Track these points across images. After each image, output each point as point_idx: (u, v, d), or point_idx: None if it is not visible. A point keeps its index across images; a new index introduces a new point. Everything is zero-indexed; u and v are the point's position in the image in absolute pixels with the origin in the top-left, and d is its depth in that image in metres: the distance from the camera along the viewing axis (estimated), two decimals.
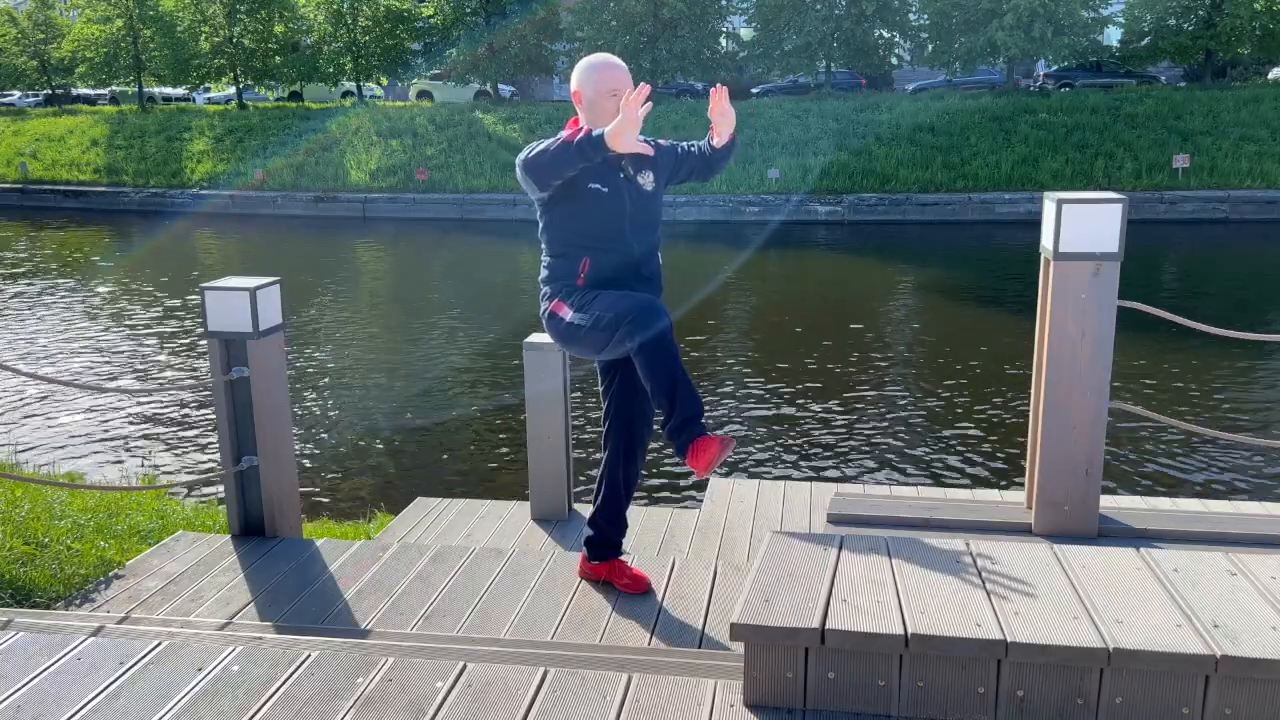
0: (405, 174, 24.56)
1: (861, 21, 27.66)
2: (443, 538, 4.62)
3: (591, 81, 3.18)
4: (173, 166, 26.86)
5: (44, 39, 35.31)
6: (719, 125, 3.25)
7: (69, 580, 3.82)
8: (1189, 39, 26.81)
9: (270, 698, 2.46)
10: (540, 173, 3.06)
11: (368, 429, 8.64)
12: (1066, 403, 3.70)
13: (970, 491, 4.81)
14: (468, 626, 3.29)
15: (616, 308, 3.04)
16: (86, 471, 7.58)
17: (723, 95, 3.20)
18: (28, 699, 2.48)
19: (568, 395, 4.62)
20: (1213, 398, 8.95)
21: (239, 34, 31.52)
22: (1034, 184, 21.33)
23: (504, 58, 30.03)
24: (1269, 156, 21.21)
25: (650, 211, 3.28)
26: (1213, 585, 2.50)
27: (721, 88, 3.21)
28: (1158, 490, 6.81)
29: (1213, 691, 2.21)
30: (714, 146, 3.30)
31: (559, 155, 3.01)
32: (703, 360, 10.59)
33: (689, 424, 3.00)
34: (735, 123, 3.26)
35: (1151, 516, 3.93)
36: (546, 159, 3.03)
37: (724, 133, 3.26)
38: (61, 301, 14.52)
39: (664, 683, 2.50)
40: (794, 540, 2.76)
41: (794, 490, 4.93)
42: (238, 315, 3.93)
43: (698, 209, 21.77)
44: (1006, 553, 2.71)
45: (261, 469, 4.06)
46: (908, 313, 13.18)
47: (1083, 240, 3.57)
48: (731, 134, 3.28)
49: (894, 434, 8.24)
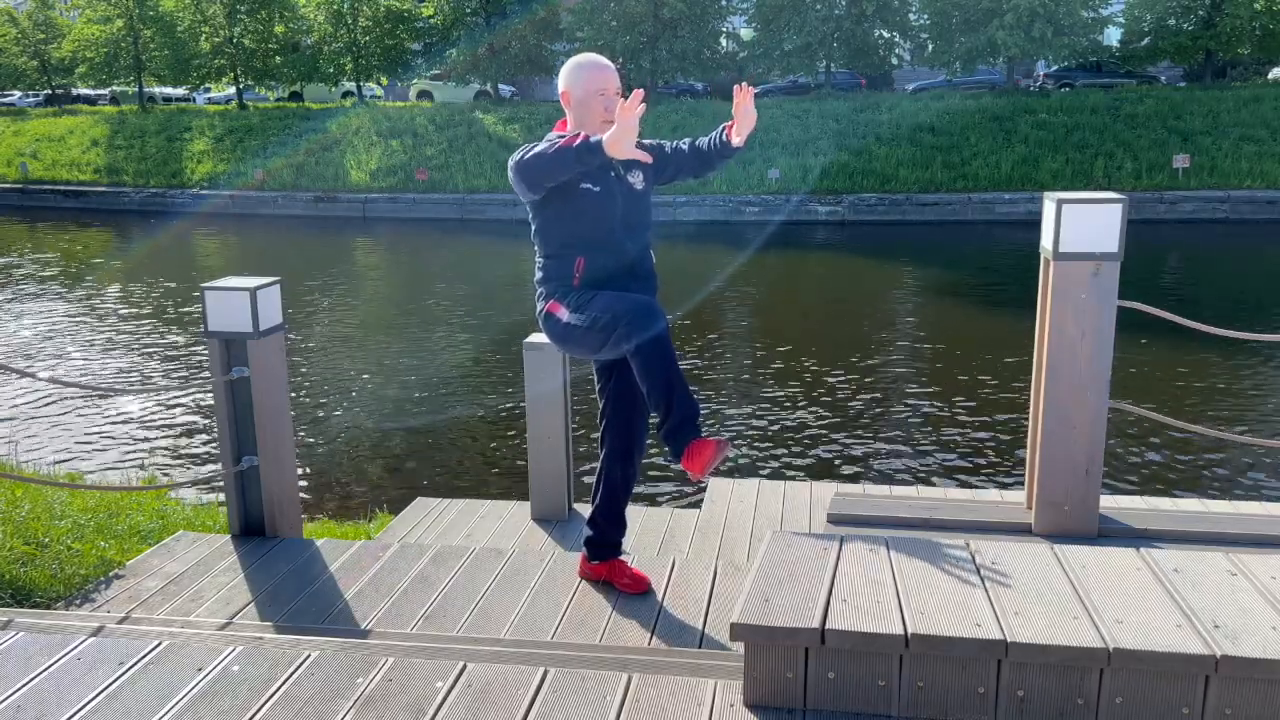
0: (405, 174, 24.56)
1: (861, 21, 27.65)
2: (443, 538, 4.62)
3: (580, 82, 3.18)
4: (173, 166, 26.86)
5: (44, 39, 35.30)
6: (741, 124, 3.21)
7: (69, 580, 3.82)
8: (1189, 39, 26.81)
9: (270, 698, 2.46)
10: (535, 176, 3.06)
11: (368, 429, 8.64)
12: (1066, 403, 3.70)
13: (970, 491, 4.81)
14: (468, 626, 3.29)
15: (614, 308, 3.04)
16: (86, 471, 7.58)
17: (748, 95, 3.18)
18: (28, 699, 2.48)
19: (568, 395, 4.62)
20: (1213, 398, 8.94)
21: (239, 34, 31.51)
22: (1034, 184, 21.32)
23: (504, 58, 30.02)
24: (1269, 156, 21.20)
25: (641, 211, 3.28)
26: (1213, 585, 2.50)
27: (748, 87, 3.19)
28: (1158, 490, 6.81)
29: (1213, 691, 2.21)
30: (724, 142, 3.27)
31: (556, 160, 3.00)
32: (703, 361, 10.59)
33: (685, 425, 3.00)
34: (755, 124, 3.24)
35: (1151, 516, 3.93)
36: (544, 163, 3.02)
37: (745, 130, 3.22)
38: (61, 302, 14.53)
39: (664, 683, 2.50)
40: (794, 540, 2.76)
41: (794, 490, 4.93)
42: (238, 315, 3.93)
43: (698, 209, 21.76)
44: (1006, 553, 2.71)
45: (261, 469, 4.06)
46: (907, 313, 13.18)
47: (1083, 240, 3.57)
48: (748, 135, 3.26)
49: (894, 434, 8.24)
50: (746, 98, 3.18)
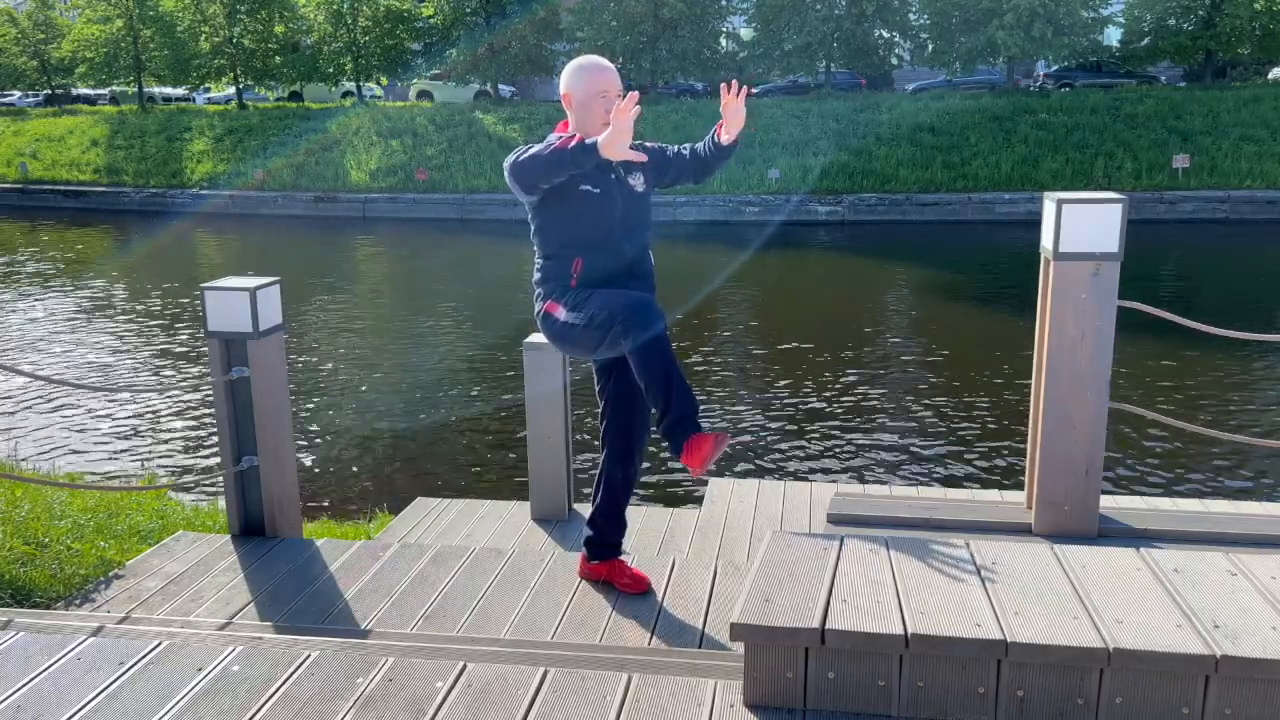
0: (405, 174, 24.56)
1: (861, 21, 27.66)
2: (443, 538, 4.62)
3: (581, 84, 3.18)
4: (173, 166, 26.86)
5: (44, 39, 35.31)
6: (731, 121, 3.20)
7: (69, 580, 3.82)
8: (1189, 39, 26.81)
9: (270, 698, 2.46)
10: (530, 177, 3.06)
11: (368, 429, 8.64)
12: (1066, 403, 3.70)
13: (970, 491, 4.81)
14: (468, 626, 3.29)
15: (610, 306, 3.04)
16: (86, 471, 7.58)
17: (737, 94, 3.16)
18: (28, 699, 2.47)
19: (568, 395, 4.62)
20: (1213, 398, 8.94)
21: (239, 34, 31.52)
22: (1034, 184, 21.32)
23: (504, 58, 30.03)
24: (1269, 156, 21.20)
25: (641, 212, 3.28)
26: (1213, 585, 2.50)
27: (737, 85, 3.17)
28: (1158, 490, 6.81)
29: (1213, 691, 2.21)
30: (718, 143, 3.27)
31: (551, 161, 3.00)
32: (703, 361, 10.59)
33: (683, 421, 3.00)
34: (745, 121, 3.24)
35: (1151, 516, 3.93)
36: (539, 164, 3.03)
37: (734, 130, 3.21)
38: (62, 302, 14.52)
39: (664, 683, 2.50)
40: (794, 540, 2.76)
41: (794, 490, 4.93)
42: (238, 315, 3.93)
43: (698, 209, 21.77)
44: (1006, 553, 2.70)
45: (261, 469, 4.06)
46: (907, 313, 13.18)
47: (1083, 240, 3.57)
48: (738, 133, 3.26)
49: (894, 434, 8.24)
50: (734, 97, 3.16)
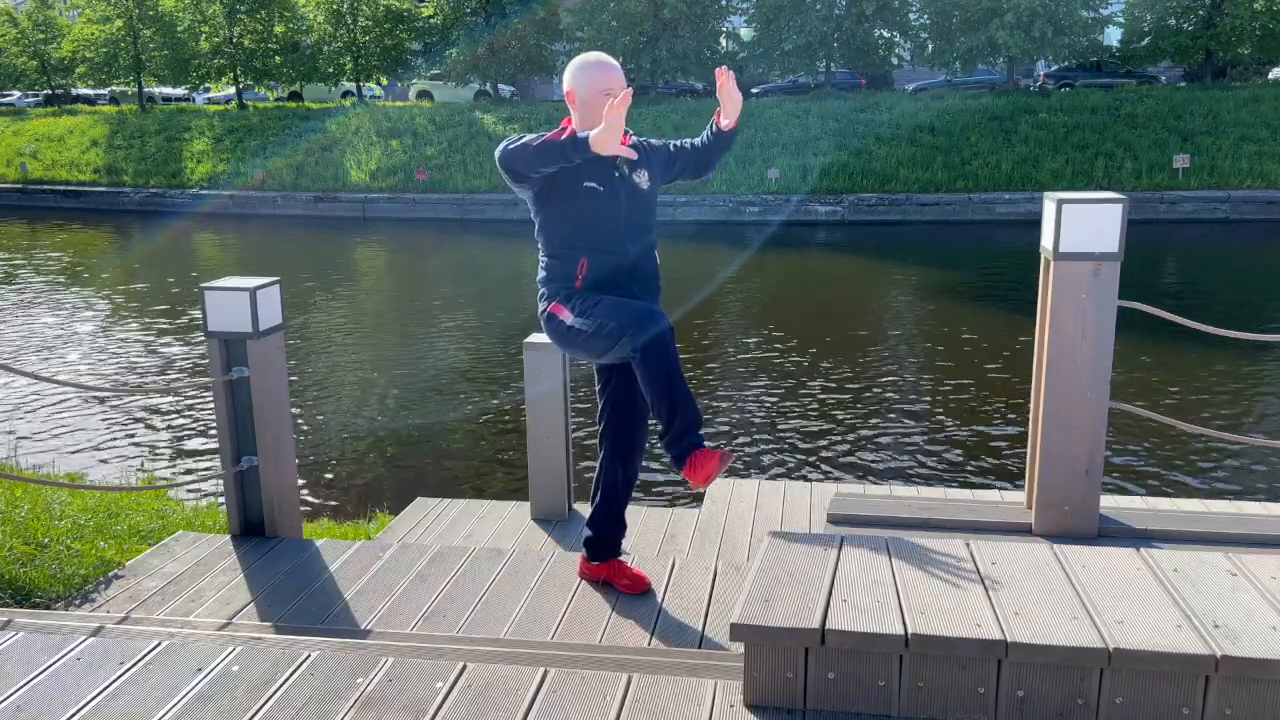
0: (405, 174, 24.56)
1: (861, 21, 27.64)
2: (443, 538, 4.62)
3: (585, 82, 3.17)
4: (173, 166, 26.86)
5: (44, 39, 35.28)
6: (727, 106, 3.19)
7: (69, 580, 3.82)
8: (1189, 39, 26.81)
9: (270, 698, 2.46)
10: (518, 164, 3.05)
11: (368, 429, 8.64)
12: (1066, 403, 3.70)
13: (970, 491, 4.81)
14: (468, 626, 3.29)
15: (619, 316, 3.03)
16: (86, 471, 7.57)
17: (730, 77, 3.13)
18: (28, 699, 2.47)
19: (568, 395, 4.62)
20: (1213, 398, 8.94)
21: (239, 34, 31.51)
22: (1034, 184, 21.32)
23: (504, 58, 30.02)
24: (1269, 156, 21.20)
25: (645, 212, 3.27)
26: (1213, 585, 2.50)
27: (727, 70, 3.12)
28: (1158, 490, 6.81)
29: (1213, 691, 2.21)
30: (719, 129, 3.26)
31: (541, 151, 3.01)
32: (703, 361, 10.58)
33: (687, 434, 2.99)
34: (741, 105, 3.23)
35: (1151, 516, 3.93)
36: (527, 153, 3.02)
37: (731, 114, 3.20)
38: (61, 301, 14.52)
39: (664, 683, 2.50)
40: (794, 540, 2.76)
41: (794, 490, 4.93)
42: (238, 315, 3.93)
43: (698, 209, 21.76)
44: (1006, 553, 2.70)
45: (261, 469, 4.06)
46: (907, 313, 13.18)
47: (1083, 240, 3.57)
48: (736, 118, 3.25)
49: (894, 434, 8.24)
50: (727, 80, 3.14)
